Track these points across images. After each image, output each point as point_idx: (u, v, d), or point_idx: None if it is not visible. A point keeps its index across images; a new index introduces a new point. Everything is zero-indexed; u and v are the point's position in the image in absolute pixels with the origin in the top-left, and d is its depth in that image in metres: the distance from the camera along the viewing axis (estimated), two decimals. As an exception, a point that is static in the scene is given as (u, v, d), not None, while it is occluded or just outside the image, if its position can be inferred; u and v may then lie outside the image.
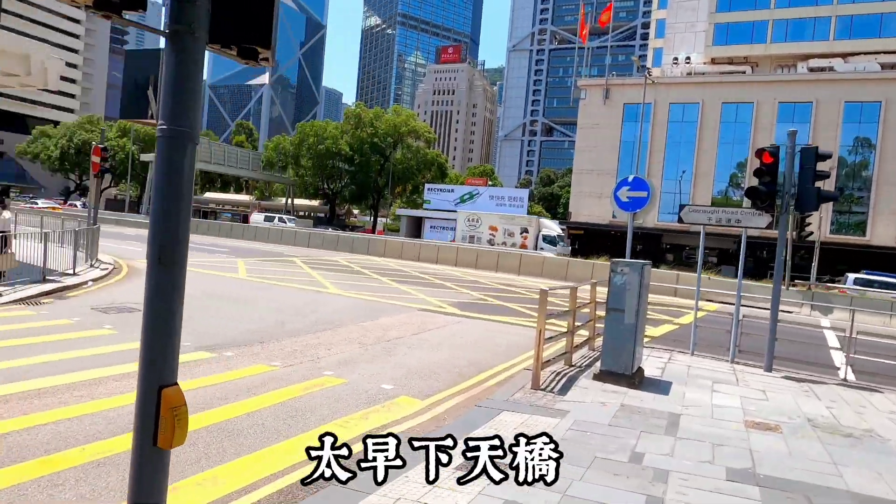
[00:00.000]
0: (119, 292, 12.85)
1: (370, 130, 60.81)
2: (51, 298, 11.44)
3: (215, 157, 59.51)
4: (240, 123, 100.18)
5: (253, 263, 22.26)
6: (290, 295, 14.66)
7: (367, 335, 10.38)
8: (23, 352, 7.45)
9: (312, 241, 34.61)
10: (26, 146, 78.03)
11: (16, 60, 12.97)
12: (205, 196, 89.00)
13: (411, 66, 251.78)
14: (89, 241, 15.77)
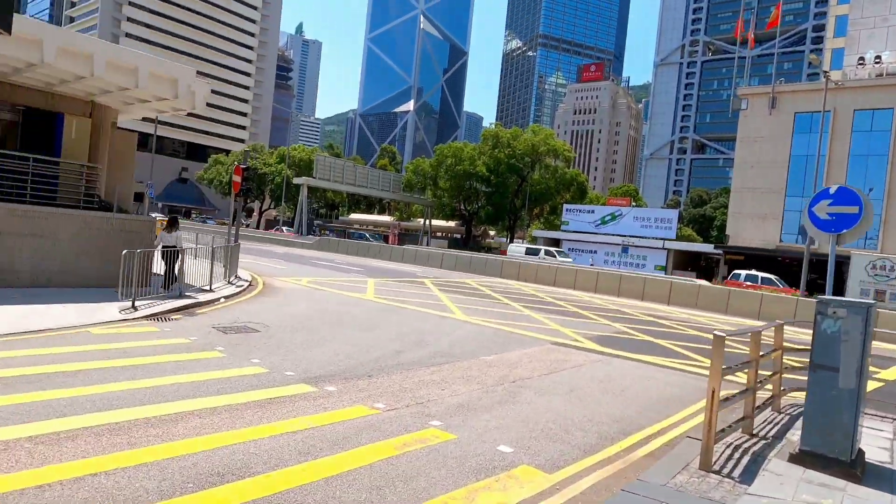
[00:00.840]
0: (245, 310, 12.76)
1: (508, 151, 60.07)
2: (180, 315, 11.51)
3: (359, 179, 62.34)
4: (384, 148, 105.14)
5: (383, 284, 21.96)
6: (413, 319, 13.74)
7: (489, 372, 8.98)
8: (125, 374, 7.07)
9: (445, 261, 34.15)
10: (203, 172, 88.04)
11: (166, 85, 13.62)
12: (350, 217, 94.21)
13: (551, 86, 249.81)
14: (228, 258, 16.19)
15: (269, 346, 9.35)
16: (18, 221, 11.77)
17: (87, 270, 12.80)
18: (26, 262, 11.95)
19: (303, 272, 23.86)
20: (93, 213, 12.94)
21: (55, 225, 12.29)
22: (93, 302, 11.41)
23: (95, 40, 13.02)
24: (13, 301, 10.72)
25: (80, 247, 12.67)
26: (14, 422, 5.24)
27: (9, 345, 7.97)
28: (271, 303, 14.27)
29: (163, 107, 15.49)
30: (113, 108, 15.85)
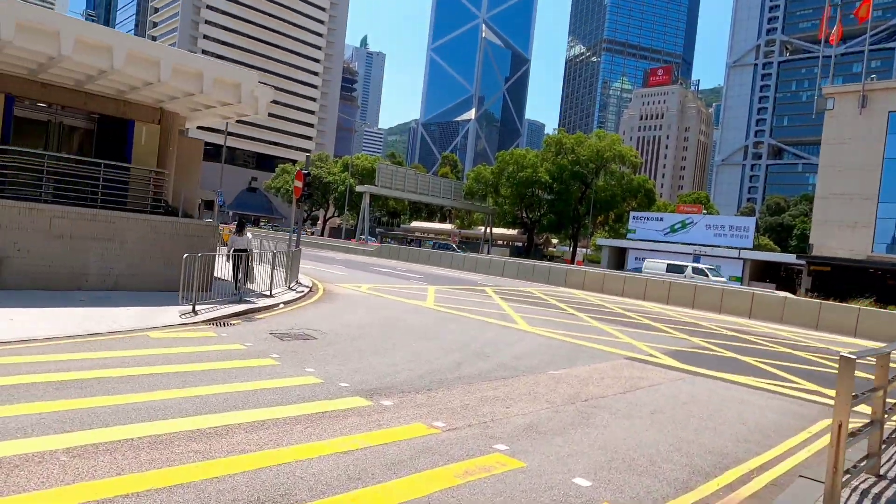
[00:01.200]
0: (304, 316, 12.50)
1: (571, 157, 58.60)
2: (239, 320, 11.35)
3: (421, 187, 62.46)
4: (445, 156, 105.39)
5: (443, 291, 21.45)
6: (474, 329, 13.10)
7: (558, 390, 8.20)
8: (176, 381, 6.78)
9: (507, 269, 33.34)
10: (271, 182, 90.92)
11: (229, 89, 13.65)
12: (411, 225, 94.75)
13: (616, 92, 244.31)
14: (289, 264, 16.09)
15: (325, 355, 8.95)
16: (88, 225, 11.99)
17: (152, 274, 12.91)
18: (95, 265, 12.15)
19: (363, 279, 23.70)
20: (158, 218, 13.08)
21: (123, 229, 12.46)
22: (155, 305, 11.42)
23: (162, 46, 13.22)
24: (80, 303, 10.84)
25: (145, 250, 12.80)
26: (55, 430, 4.96)
27: (69, 347, 7.90)
28: (330, 309, 14.00)
29: (227, 112, 15.62)
30: (180, 114, 16.14)
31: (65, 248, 11.73)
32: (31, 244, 11.33)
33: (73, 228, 11.81)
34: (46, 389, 6.03)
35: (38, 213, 11.34)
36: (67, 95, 14.06)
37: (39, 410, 5.40)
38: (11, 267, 11.10)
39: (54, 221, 11.55)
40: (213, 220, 17.67)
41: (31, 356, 7.27)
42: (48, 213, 11.47)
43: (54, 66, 12.02)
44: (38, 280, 11.46)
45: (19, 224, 11.14)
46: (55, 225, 11.58)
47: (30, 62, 12.17)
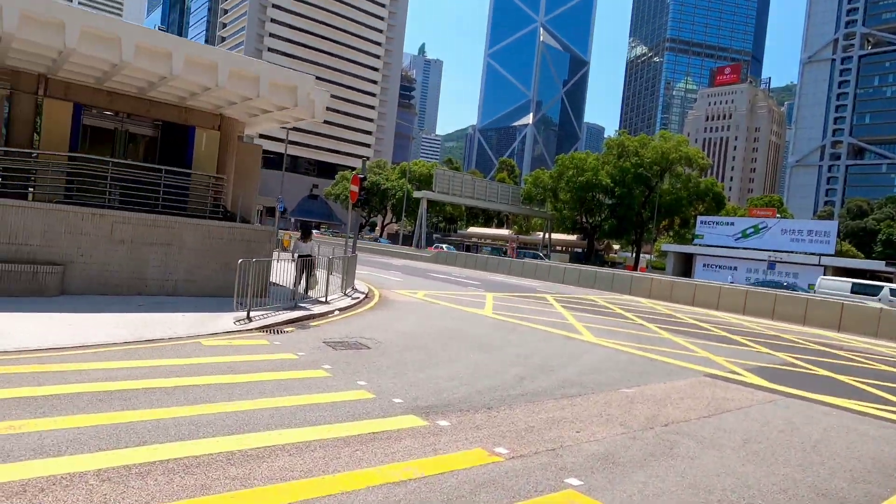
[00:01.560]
0: (358, 324, 12.11)
1: (634, 160, 56.59)
2: (293, 327, 11.05)
3: (478, 192, 61.89)
4: (502, 161, 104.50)
5: (502, 299, 20.73)
6: (536, 339, 12.34)
7: (633, 411, 7.37)
8: (223, 393, 6.43)
9: (567, 276, 32.21)
10: (331, 189, 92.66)
11: (285, 93, 13.51)
12: (468, 230, 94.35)
13: (679, 92, 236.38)
14: (345, 269, 15.83)
15: (379, 366, 8.45)
16: (148, 230, 12.04)
17: (209, 279, 12.87)
18: (154, 270, 12.20)
19: (419, 285, 23.30)
20: (215, 222, 13.04)
21: (181, 234, 12.47)
22: (211, 311, 11.30)
23: (219, 50, 13.22)
24: (138, 308, 10.83)
25: (203, 256, 12.78)
26: (90, 448, 4.63)
27: (120, 355, 7.73)
28: (385, 316, 13.57)
29: (284, 116, 15.54)
30: (239, 120, 16.20)
31: (126, 254, 11.81)
32: (94, 249, 11.45)
33: (133, 233, 11.88)
34: (90, 401, 5.77)
35: (101, 218, 11.46)
36: (132, 103, 14.30)
37: (79, 424, 5.11)
38: (75, 272, 11.24)
39: (116, 227, 11.65)
40: (275, 226, 17.66)
41: (82, 363, 7.11)
42: (110, 218, 11.58)
43: (117, 73, 12.18)
44: (101, 285, 11.56)
45: (82, 229, 11.28)
46: (117, 230, 11.67)
47: (95, 70, 12.39)
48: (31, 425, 5.00)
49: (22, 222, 10.67)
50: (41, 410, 5.39)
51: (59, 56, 11.39)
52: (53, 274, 10.84)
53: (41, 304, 10.11)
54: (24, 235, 10.70)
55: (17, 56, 11.90)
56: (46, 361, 7.06)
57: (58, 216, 10.99)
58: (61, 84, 13.31)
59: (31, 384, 6.15)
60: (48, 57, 11.68)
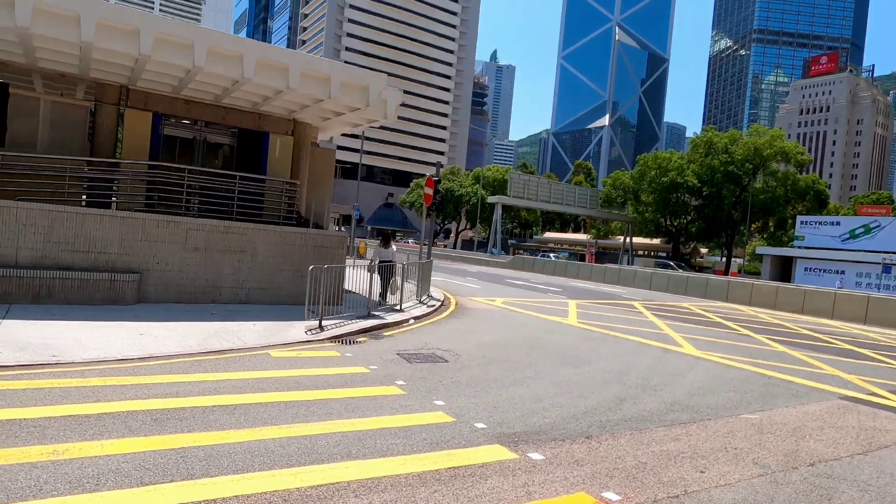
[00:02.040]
0: (434, 334, 11.32)
1: (724, 157, 52.93)
2: (366, 337, 10.41)
3: (554, 196, 60.12)
4: (578, 164, 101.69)
5: (586, 306, 19.39)
6: (630, 352, 11.07)
7: (766, 444, 6.08)
8: (287, 414, 5.76)
9: (655, 282, 30.16)
10: (405, 196, 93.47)
11: (357, 93, 13.02)
12: (544, 236, 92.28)
13: (769, 86, 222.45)
14: (420, 276, 15.14)
15: (458, 383, 7.58)
16: (221, 237, 11.83)
17: (282, 287, 12.52)
18: (228, 277, 11.97)
19: (497, 292, 22.33)
20: (288, 228, 12.70)
21: (254, 240, 12.19)
22: (283, 320, 10.87)
23: (290, 51, 12.92)
24: (210, 317, 10.55)
25: (276, 263, 12.45)
26: (131, 481, 4.03)
27: (186, 367, 7.30)
28: (463, 326, 12.72)
29: (356, 119, 15.11)
30: (312, 125, 15.95)
31: (200, 261, 11.64)
32: (170, 257, 11.34)
33: (207, 241, 11.70)
34: (144, 421, 5.24)
35: (175, 225, 11.34)
36: (208, 111, 14.31)
37: (126, 450, 4.56)
38: (150, 280, 11.16)
39: (190, 234, 11.50)
40: (351, 233, 17.28)
41: (144, 377, 6.69)
42: (184, 225, 11.45)
43: (191, 79, 12.10)
44: (176, 293, 11.43)
45: (158, 237, 11.19)
46: (191, 237, 11.52)
47: (170, 77, 12.39)
48: (75, 450, 4.49)
49: (101, 231, 10.68)
50: (91, 432, 4.90)
51: (136, 64, 11.41)
52: (130, 282, 10.77)
53: (117, 313, 10.01)
54: (103, 244, 10.70)
55: (99, 67, 12.07)
56: (109, 374, 6.70)
57: (134, 224, 10.94)
58: (141, 94, 13.47)
59: (88, 399, 5.73)
60: (126, 66, 11.75)
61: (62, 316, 9.33)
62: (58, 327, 8.57)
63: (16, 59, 11.97)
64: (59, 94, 12.89)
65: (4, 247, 9.86)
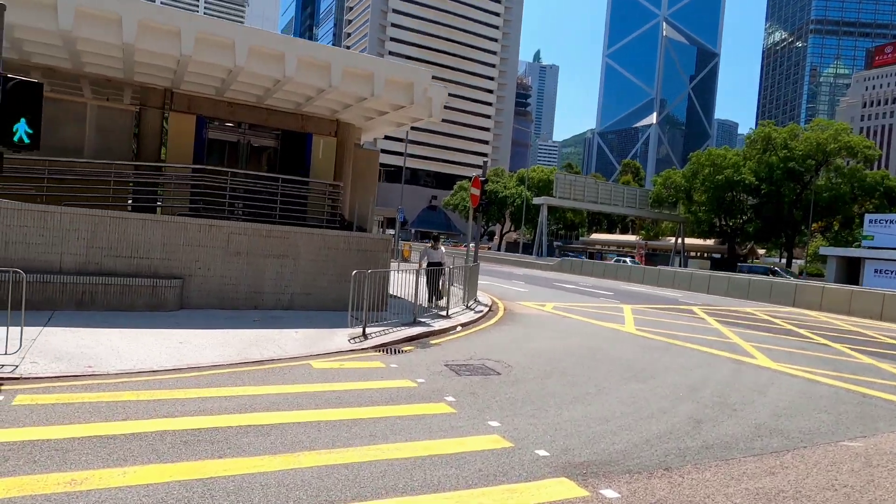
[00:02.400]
0: (484, 342, 10.66)
1: (783, 153, 50.24)
2: (412, 346, 9.85)
3: (602, 196, 58.48)
4: (626, 163, 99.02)
5: (641, 311, 18.34)
6: (699, 364, 10.13)
7: (879, 482, 5.17)
8: (327, 436, 5.22)
9: (713, 285, 28.60)
10: (449, 199, 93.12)
11: (401, 91, 12.52)
12: (590, 237, 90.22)
13: (828, 78, 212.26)
14: (466, 280, 14.51)
15: (513, 399, 6.91)
16: (263, 241, 11.50)
17: (325, 292, 12.11)
18: (270, 282, 11.63)
19: (546, 296, 21.48)
20: (331, 232, 12.28)
21: (296, 244, 11.82)
22: (325, 327, 10.43)
23: (331, 48, 12.53)
24: (252, 324, 10.20)
25: (319, 267, 12.05)
26: (150, 521, 3.53)
27: (223, 380, 6.88)
28: (513, 333, 12.01)
29: (401, 118, 14.62)
30: (355, 125, 15.56)
31: (243, 266, 11.33)
32: (212, 262, 11.07)
33: (249, 245, 11.39)
34: (174, 444, 4.79)
35: (217, 230, 11.06)
36: (251, 113, 14.09)
37: (149, 480, 4.09)
38: (193, 285, 10.91)
39: (232, 238, 11.21)
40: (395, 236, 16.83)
41: (179, 391, 6.29)
42: (226, 229, 11.16)
43: (234, 80, 11.84)
44: (219, 299, 11.16)
45: (200, 241, 10.94)
46: (233, 242, 11.23)
47: (213, 79, 12.18)
48: (95, 479, 4.05)
49: (143, 236, 10.49)
50: (115, 456, 4.46)
51: (178, 65, 11.22)
52: (172, 288, 10.54)
53: (159, 320, 9.76)
54: (146, 249, 10.51)
55: (142, 70, 11.96)
56: (143, 387, 6.33)
57: (176, 228, 10.71)
58: (185, 97, 13.34)
59: (117, 417, 5.34)
60: (169, 68, 11.59)
61: (104, 323, 9.13)
62: (97, 335, 8.34)
63: (63, 64, 11.98)
64: (105, 99, 12.88)
65: (49, 253, 9.76)
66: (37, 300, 9.41)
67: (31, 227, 9.62)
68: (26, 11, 9.43)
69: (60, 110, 12.60)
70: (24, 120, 6.55)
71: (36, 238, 9.66)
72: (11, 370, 6.46)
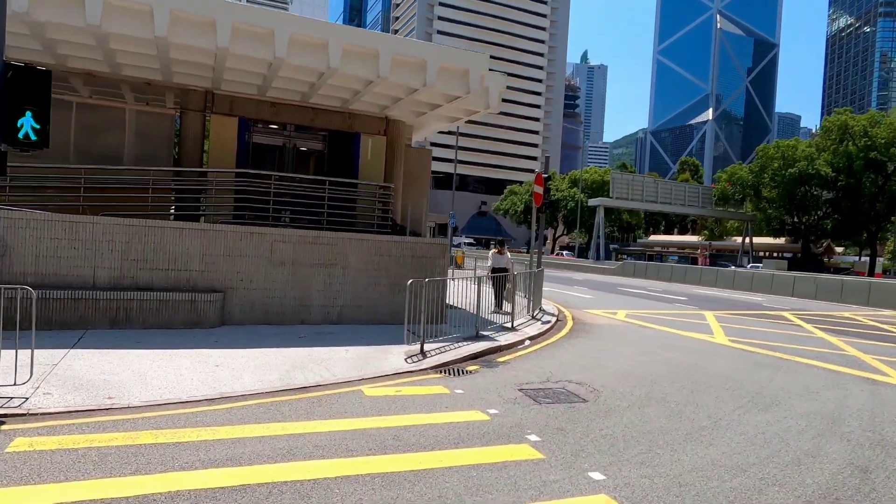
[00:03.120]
0: (558, 359, 9.27)
1: (863, 142, 46.36)
2: (477, 364, 8.57)
3: (662, 195, 55.65)
4: (683, 161, 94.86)
5: (726, 319, 16.44)
6: (823, 384, 8.40)
7: None
8: (387, 498, 3.98)
9: (799, 287, 25.99)
10: (499, 204, 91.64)
11: (456, 79, 11.32)
12: (649, 239, 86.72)
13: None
14: (530, 287, 13.12)
15: (611, 438, 5.51)
16: (309, 249, 10.49)
17: (377, 303, 10.99)
18: (318, 294, 10.59)
19: (614, 302, 19.78)
20: (383, 237, 11.17)
21: (345, 252, 10.75)
22: (378, 343, 9.28)
23: (379, 35, 11.47)
24: (298, 341, 9.15)
25: (370, 277, 10.94)
26: None
27: (260, 413, 5.77)
28: (590, 348, 10.55)
29: (455, 111, 13.42)
30: (406, 123, 14.48)
31: (287, 277, 10.34)
32: (255, 273, 10.13)
33: (294, 254, 10.39)
34: (185, 512, 3.65)
35: (260, 237, 10.11)
36: (296, 113, 13.21)
37: (143, 578, 2.94)
38: (234, 299, 9.98)
39: (275, 246, 10.24)
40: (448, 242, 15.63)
41: (205, 429, 5.20)
42: (269, 237, 10.20)
43: (274, 75, 10.93)
44: (262, 313, 10.20)
45: (241, 251, 10.01)
46: (277, 250, 10.26)
47: (254, 76, 11.32)
48: (71, 576, 2.93)
49: (181, 246, 9.63)
50: (106, 535, 3.35)
51: (216, 61, 10.38)
52: (213, 302, 9.63)
53: (197, 338, 8.84)
54: (184, 260, 9.65)
55: (180, 70, 11.22)
56: (166, 424, 5.28)
57: (215, 237, 9.82)
58: (226, 99, 12.56)
59: (126, 471, 4.26)
60: (207, 65, 10.78)
61: (137, 343, 8.25)
62: (126, 358, 7.43)
63: (101, 67, 11.38)
64: (145, 103, 12.24)
65: (81, 266, 9.01)
66: (68, 319, 8.65)
67: (63, 239, 8.90)
68: (54, 8, 8.74)
69: (100, 117, 12.01)
70: (31, 113, 5.66)
71: (68, 251, 8.93)
72: (20, 404, 5.56)
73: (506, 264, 13.57)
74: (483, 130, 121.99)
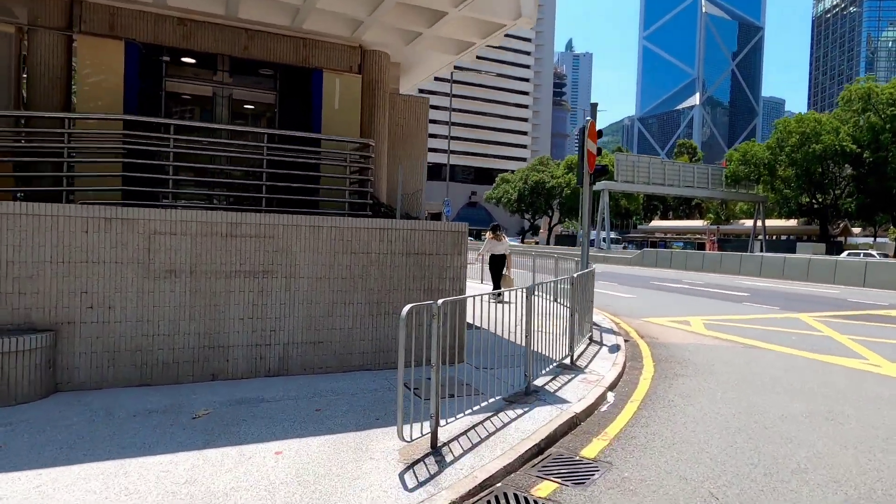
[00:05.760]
0: (688, 444, 4.78)
1: (890, 111, 42.28)
2: (551, 477, 4.06)
3: (669, 177, 51.32)
4: (681, 143, 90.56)
5: (835, 325, 12.07)
6: None
7: None
8: None
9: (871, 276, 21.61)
10: (491, 192, 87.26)
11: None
12: (650, 225, 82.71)
13: (886, 43, 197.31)
14: (578, 297, 8.45)
15: None
16: (223, 246, 5.89)
17: (347, 335, 6.42)
18: (240, 326, 5.99)
19: (665, 303, 15.35)
20: (359, 222, 6.56)
21: (291, 248, 6.16)
22: (347, 428, 4.75)
23: None
24: (184, 431, 4.57)
25: (335, 290, 6.36)
26: None
27: None
28: (712, 408, 6.05)
29: (466, 30, 8.80)
30: (391, 58, 9.84)
31: (182, 297, 5.74)
32: (116, 293, 5.50)
33: (195, 255, 5.79)
34: None
35: (127, 226, 5.49)
36: (218, 36, 8.56)
37: None
38: (78, 342, 5.37)
39: (158, 242, 5.62)
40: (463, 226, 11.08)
41: None
42: (145, 225, 5.58)
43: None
44: (131, 365, 5.62)
45: (92, 253, 5.37)
46: (160, 249, 5.64)
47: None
48: None
49: (-34, 245, 5.00)
50: None
51: None
52: (27, 352, 5.02)
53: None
54: (-29, 273, 5.01)
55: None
56: None
57: (35, 228, 5.18)
58: (104, 10, 7.88)
59: None
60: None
61: None
62: None
63: None
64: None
65: None
66: None
67: None
68: None
69: None
70: None
71: None
72: None
73: (504, 250, 13.14)
74: (471, 119, 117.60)
